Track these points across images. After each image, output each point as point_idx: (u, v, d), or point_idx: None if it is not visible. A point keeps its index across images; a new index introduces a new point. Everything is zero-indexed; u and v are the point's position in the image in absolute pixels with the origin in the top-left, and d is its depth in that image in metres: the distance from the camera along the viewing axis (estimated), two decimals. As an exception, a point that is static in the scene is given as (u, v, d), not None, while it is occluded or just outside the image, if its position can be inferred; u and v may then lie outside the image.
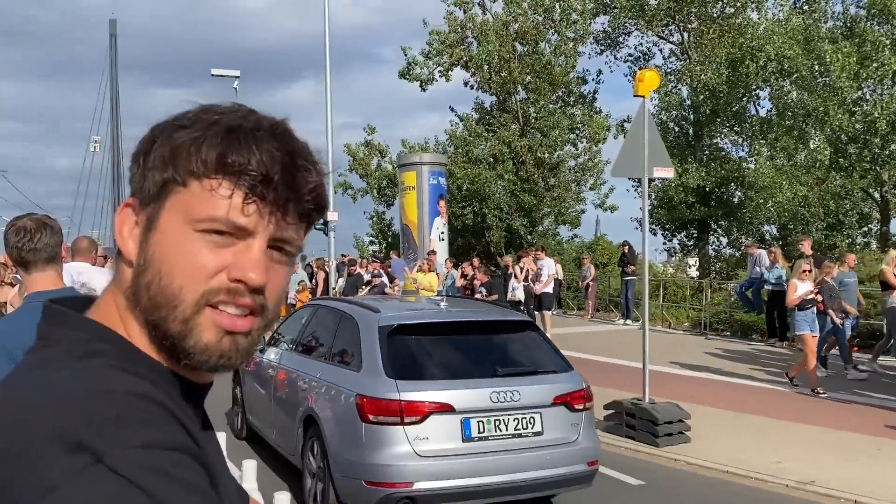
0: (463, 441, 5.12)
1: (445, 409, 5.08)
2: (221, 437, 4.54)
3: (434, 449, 5.01)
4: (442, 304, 6.56)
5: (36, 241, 2.75)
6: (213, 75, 25.35)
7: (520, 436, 5.30)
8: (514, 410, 5.28)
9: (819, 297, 10.41)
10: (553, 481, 5.46)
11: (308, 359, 6.54)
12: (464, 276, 14.23)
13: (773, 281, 13.70)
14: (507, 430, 5.27)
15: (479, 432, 5.17)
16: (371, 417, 4.98)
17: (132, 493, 0.66)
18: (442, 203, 21.22)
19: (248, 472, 3.38)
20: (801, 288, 10.24)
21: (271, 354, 7.29)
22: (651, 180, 8.74)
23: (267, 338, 7.30)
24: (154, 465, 0.68)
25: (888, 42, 20.07)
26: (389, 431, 4.95)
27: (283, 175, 0.80)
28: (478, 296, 13.54)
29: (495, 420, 5.23)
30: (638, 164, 8.30)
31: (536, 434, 5.36)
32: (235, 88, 25.98)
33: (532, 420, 5.36)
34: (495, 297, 13.96)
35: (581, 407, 5.63)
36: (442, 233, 21.02)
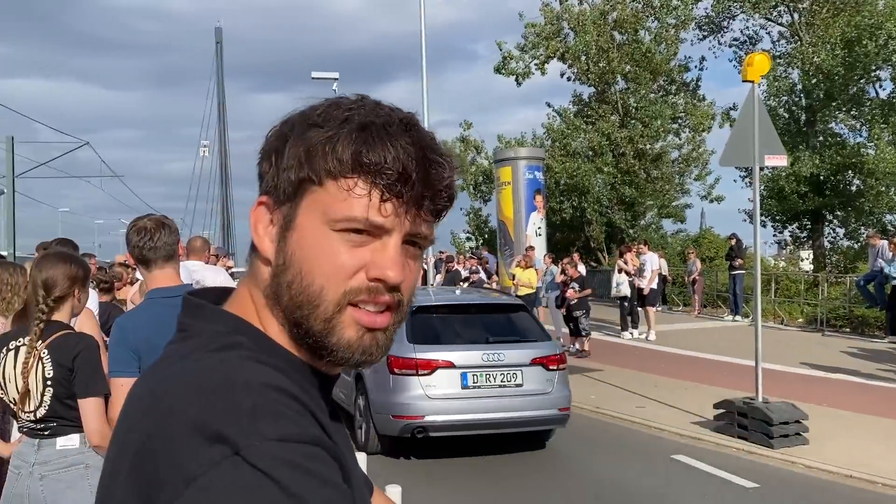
0: (461, 388, 7.07)
1: (448, 364, 7.07)
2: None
3: (440, 393, 6.99)
4: (456, 291, 8.98)
5: (155, 240, 2.92)
6: (313, 78, 26.03)
7: (504, 386, 7.16)
8: (500, 367, 7.19)
9: None
10: (530, 420, 7.31)
11: None
12: (563, 272, 14.02)
13: (895, 275, 12.82)
14: (494, 381, 7.15)
15: (474, 383, 7.10)
16: (396, 370, 6.94)
17: (267, 486, 0.67)
18: (538, 198, 20.97)
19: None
20: None
21: None
22: (761, 169, 8.31)
23: None
24: (289, 459, 0.68)
25: None
26: (408, 380, 6.96)
27: (418, 172, 0.80)
28: (570, 292, 13.28)
29: (486, 374, 7.13)
30: (748, 152, 7.92)
31: (518, 385, 7.21)
32: (335, 90, 26.58)
33: (514, 375, 7.21)
34: (588, 292, 13.63)
35: (555, 367, 7.36)
36: (539, 228, 20.78)
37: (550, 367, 7.33)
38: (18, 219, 24.27)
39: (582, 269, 13.84)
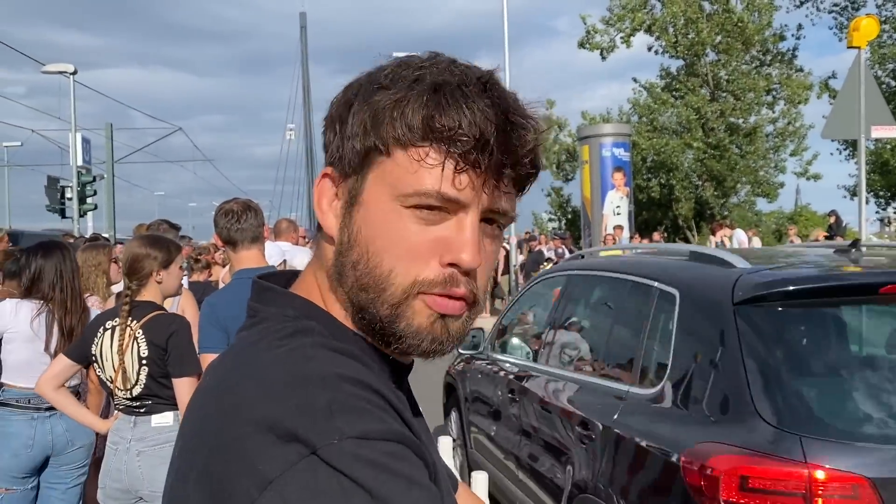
0: None
1: None
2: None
3: None
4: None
5: (242, 222, 3.02)
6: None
7: None
8: None
9: None
10: None
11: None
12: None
13: None
14: None
15: None
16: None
17: (349, 488, 0.60)
18: (618, 175, 20.36)
19: (443, 451, 3.40)
20: None
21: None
22: (868, 141, 7.83)
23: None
24: (371, 458, 0.62)
25: None
26: None
27: (498, 137, 0.71)
28: None
29: None
30: (853, 123, 7.47)
31: None
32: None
33: None
34: None
35: None
36: (617, 207, 20.23)
37: None
38: (117, 202, 25.48)
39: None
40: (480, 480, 2.99)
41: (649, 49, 27.12)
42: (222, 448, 0.65)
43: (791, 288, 2.42)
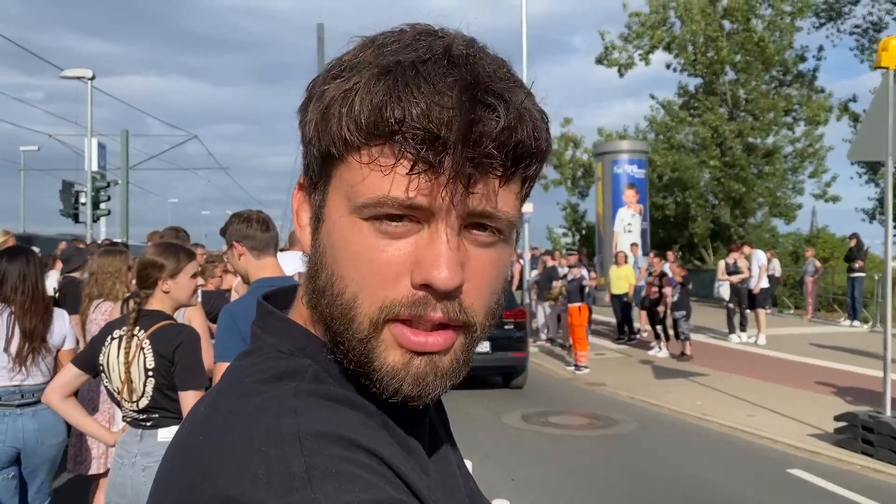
0: None
1: None
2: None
3: None
4: None
5: (271, 230, 3.06)
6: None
7: None
8: None
9: None
10: None
11: None
12: (651, 273, 13.47)
13: None
14: None
15: None
16: None
17: None
18: (630, 193, 20.20)
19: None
20: None
21: None
22: (873, 169, 7.66)
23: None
24: None
25: None
26: None
27: (457, 124, 0.56)
28: (668, 290, 12.70)
29: None
30: (880, 144, 7.29)
31: None
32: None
33: None
34: (668, 293, 12.91)
35: None
36: (629, 224, 20.04)
37: None
38: (131, 208, 25.54)
39: (667, 269, 13.24)
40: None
41: (668, 67, 27.07)
42: None
43: None
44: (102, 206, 21.06)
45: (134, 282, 3.13)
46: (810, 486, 6.58)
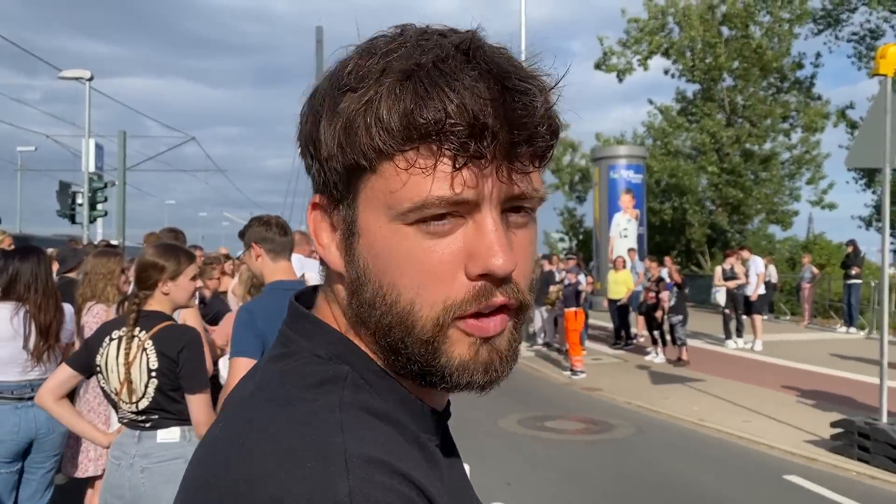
0: None
1: None
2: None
3: None
4: None
5: (287, 234, 3.17)
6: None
7: None
8: None
9: None
10: None
11: None
12: (648, 278, 13.50)
13: None
14: None
15: None
16: None
17: None
18: (626, 198, 20.21)
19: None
20: None
21: None
22: (870, 176, 7.68)
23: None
24: None
25: None
26: None
27: (498, 113, 0.58)
28: (665, 294, 12.71)
29: None
30: (878, 152, 7.32)
31: None
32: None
33: None
34: (664, 297, 12.92)
35: None
36: (624, 229, 20.04)
37: None
38: (128, 210, 25.52)
39: (664, 274, 13.26)
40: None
41: (666, 72, 27.14)
42: None
43: None
44: (99, 206, 21.02)
45: (128, 285, 3.13)
46: (806, 492, 6.59)
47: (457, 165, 0.58)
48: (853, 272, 16.27)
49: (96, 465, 4.41)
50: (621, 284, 14.54)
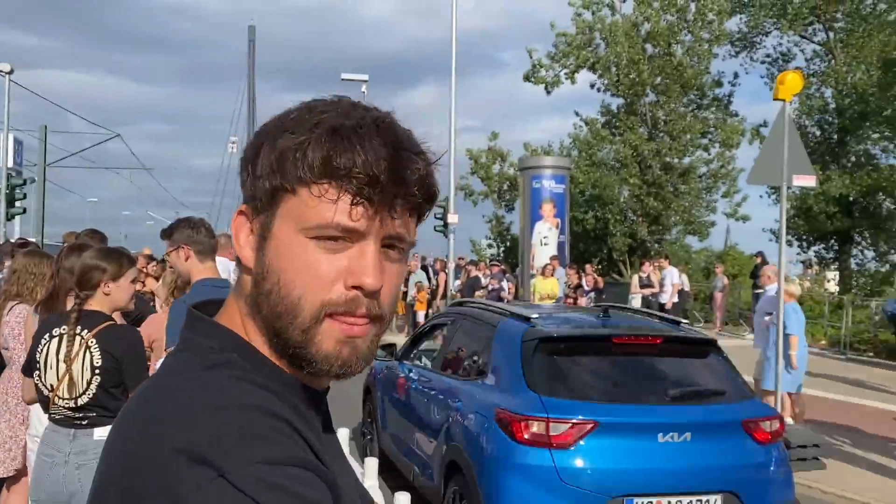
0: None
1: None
2: (344, 434, 4.63)
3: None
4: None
5: (206, 236, 3.32)
6: (342, 80, 26.19)
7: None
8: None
9: None
10: None
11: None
12: (568, 284, 14.00)
13: None
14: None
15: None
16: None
17: None
18: (547, 207, 20.75)
19: (369, 470, 3.43)
20: None
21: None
22: (789, 188, 8.24)
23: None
24: (274, 481, 0.69)
25: None
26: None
27: (388, 172, 0.79)
28: (583, 301, 13.23)
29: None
30: (777, 171, 7.84)
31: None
32: (364, 92, 26.72)
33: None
34: (582, 304, 13.48)
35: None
36: (545, 237, 20.58)
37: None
38: (48, 207, 24.66)
39: (583, 281, 13.78)
40: (402, 501, 3.04)
41: (592, 86, 27.89)
42: (142, 471, 0.72)
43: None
44: (17, 204, 20.29)
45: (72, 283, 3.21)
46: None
47: (354, 203, 0.78)
48: (761, 283, 17.13)
49: (6, 468, 4.35)
50: (548, 291, 14.98)
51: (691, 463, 4.34)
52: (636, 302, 15.18)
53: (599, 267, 25.56)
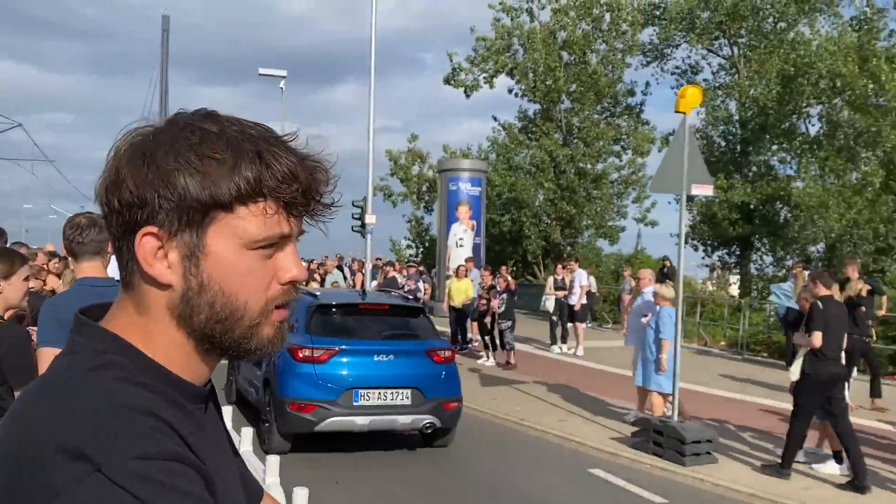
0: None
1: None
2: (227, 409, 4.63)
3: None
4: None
5: (84, 236, 3.17)
6: (260, 74, 25.76)
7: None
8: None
9: None
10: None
11: None
12: (482, 286, 14.26)
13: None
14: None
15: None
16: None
17: (127, 501, 0.72)
18: (462, 209, 21.04)
19: (270, 467, 3.47)
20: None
21: None
22: (692, 198, 8.66)
23: None
24: (149, 475, 0.74)
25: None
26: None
27: (308, 182, 0.89)
28: (495, 302, 13.50)
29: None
30: (677, 180, 8.22)
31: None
32: (282, 88, 26.38)
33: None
34: (494, 305, 13.76)
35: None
36: (461, 239, 20.86)
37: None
38: (-59, 199, 23.26)
39: (496, 283, 14.06)
40: (301, 496, 3.09)
41: (510, 91, 28.39)
42: (21, 468, 0.75)
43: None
44: None
45: None
46: (606, 483, 7.31)
47: (290, 213, 0.88)
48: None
49: None
50: (462, 292, 15.16)
51: (393, 372, 7.71)
52: (549, 303, 15.56)
53: (515, 269, 26.04)
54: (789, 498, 6.81)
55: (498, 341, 13.77)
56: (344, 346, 7.63)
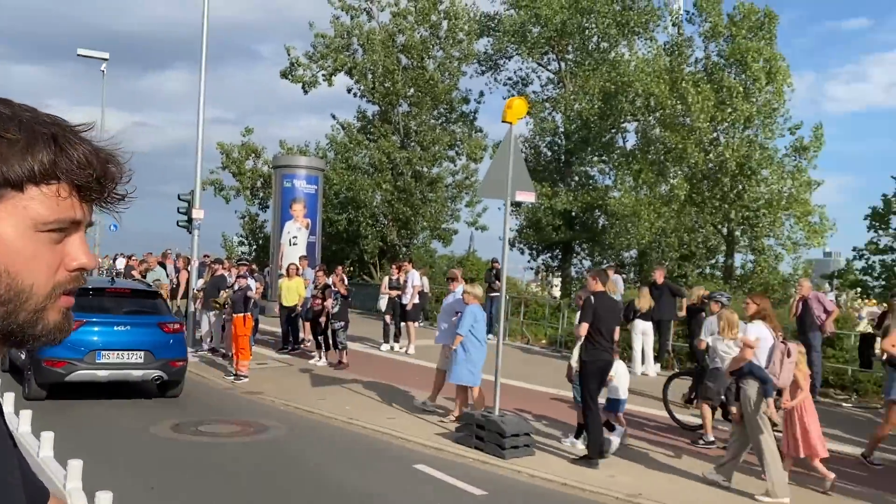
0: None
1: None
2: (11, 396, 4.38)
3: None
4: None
5: None
6: (78, 55, 24.02)
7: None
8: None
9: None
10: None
11: None
12: (316, 285, 14.22)
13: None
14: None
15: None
16: None
17: None
18: (297, 207, 20.83)
19: (72, 472, 3.31)
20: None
21: None
22: (519, 205, 9.14)
23: None
24: None
25: (742, 89, 21.86)
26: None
27: (101, 169, 0.90)
28: (328, 303, 13.56)
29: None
30: (502, 186, 8.63)
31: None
32: (103, 71, 24.73)
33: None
34: (328, 304, 13.85)
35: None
36: (294, 237, 20.65)
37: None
38: None
39: (330, 282, 14.12)
40: (105, 499, 2.99)
41: (349, 90, 28.35)
42: None
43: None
44: None
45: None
46: (431, 478, 7.53)
47: (82, 199, 0.88)
48: (495, 286, 18.60)
49: None
50: (293, 292, 14.96)
51: (130, 338, 10.20)
52: (383, 303, 15.73)
53: (351, 269, 26.04)
54: (596, 484, 7.37)
55: (331, 341, 13.74)
56: (93, 319, 9.98)
